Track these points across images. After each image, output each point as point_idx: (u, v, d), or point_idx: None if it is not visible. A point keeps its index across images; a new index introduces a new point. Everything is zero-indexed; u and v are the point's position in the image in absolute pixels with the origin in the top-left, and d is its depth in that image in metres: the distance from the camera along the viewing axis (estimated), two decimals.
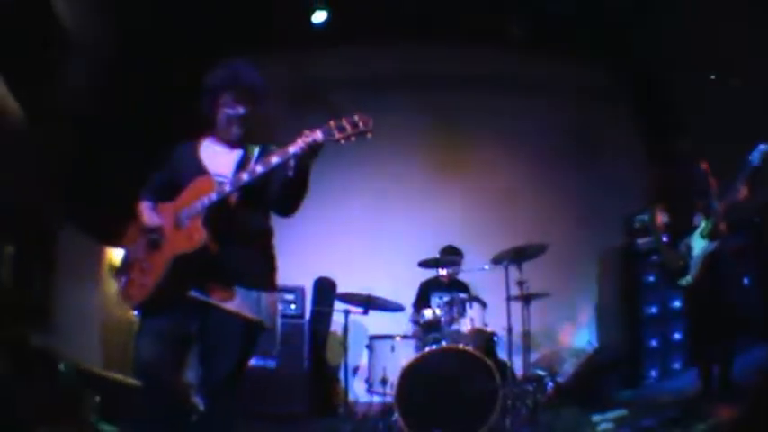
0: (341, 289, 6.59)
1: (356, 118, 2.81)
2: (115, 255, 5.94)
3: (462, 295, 5.82)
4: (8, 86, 4.46)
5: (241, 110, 3.14)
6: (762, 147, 4.53)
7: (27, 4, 4.55)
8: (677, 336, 6.51)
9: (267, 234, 3.20)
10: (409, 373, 5.12)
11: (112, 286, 5.89)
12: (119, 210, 3.37)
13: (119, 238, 3.27)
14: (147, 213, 3.11)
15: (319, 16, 7.13)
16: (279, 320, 3.21)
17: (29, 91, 4.62)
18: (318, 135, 2.81)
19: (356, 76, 7.75)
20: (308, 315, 6.59)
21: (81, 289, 5.73)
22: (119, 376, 4.81)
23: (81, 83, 5.39)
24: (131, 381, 4.60)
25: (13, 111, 4.56)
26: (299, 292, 6.47)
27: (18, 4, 4.43)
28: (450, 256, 6.39)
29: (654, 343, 6.78)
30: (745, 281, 4.63)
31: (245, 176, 2.91)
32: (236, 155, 3.18)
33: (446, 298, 5.76)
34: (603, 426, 5.12)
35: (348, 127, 2.80)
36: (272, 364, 5.97)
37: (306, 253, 7.05)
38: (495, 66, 7.84)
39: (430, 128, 8.07)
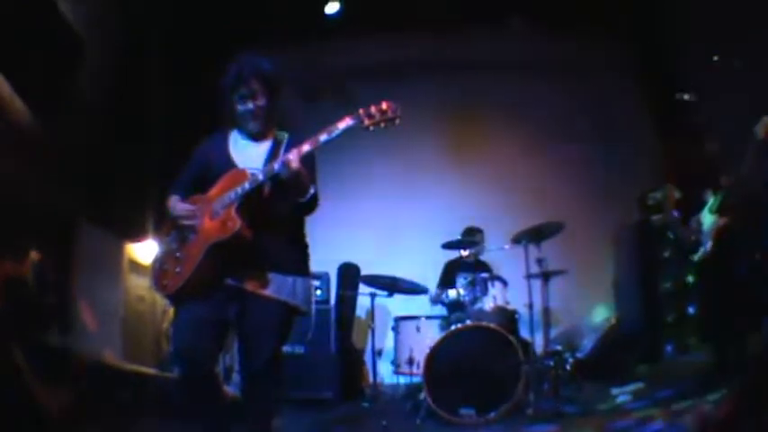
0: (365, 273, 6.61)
1: (384, 105, 2.87)
2: (135, 250, 5.95)
3: (484, 275, 5.86)
4: (15, 88, 4.36)
5: (250, 105, 3.17)
6: (766, 119, 4.48)
7: (32, 6, 4.49)
8: (692, 310, 6.55)
9: (300, 222, 3.25)
10: (436, 352, 5.19)
11: (134, 282, 5.94)
12: (137, 205, 3.43)
13: (138, 233, 3.35)
14: (179, 205, 3.17)
15: (332, 7, 7.19)
16: (314, 306, 3.32)
17: (38, 91, 4.54)
18: (349, 122, 2.88)
19: (371, 66, 7.81)
20: (333, 301, 6.61)
21: (103, 285, 5.68)
22: (143, 369, 4.75)
23: (93, 81, 5.35)
24: (156, 373, 4.56)
25: (20, 112, 4.48)
26: (323, 278, 6.48)
27: (22, 6, 4.36)
28: (472, 236, 6.45)
29: (669, 318, 6.82)
30: (757, 256, 4.72)
31: (276, 166, 2.92)
32: (265, 146, 3.23)
33: (469, 278, 5.82)
34: (622, 398, 5.25)
35: (377, 114, 2.87)
36: (300, 350, 6.01)
37: (330, 240, 7.11)
38: (508, 48, 7.88)
39: (446, 113, 8.18)
